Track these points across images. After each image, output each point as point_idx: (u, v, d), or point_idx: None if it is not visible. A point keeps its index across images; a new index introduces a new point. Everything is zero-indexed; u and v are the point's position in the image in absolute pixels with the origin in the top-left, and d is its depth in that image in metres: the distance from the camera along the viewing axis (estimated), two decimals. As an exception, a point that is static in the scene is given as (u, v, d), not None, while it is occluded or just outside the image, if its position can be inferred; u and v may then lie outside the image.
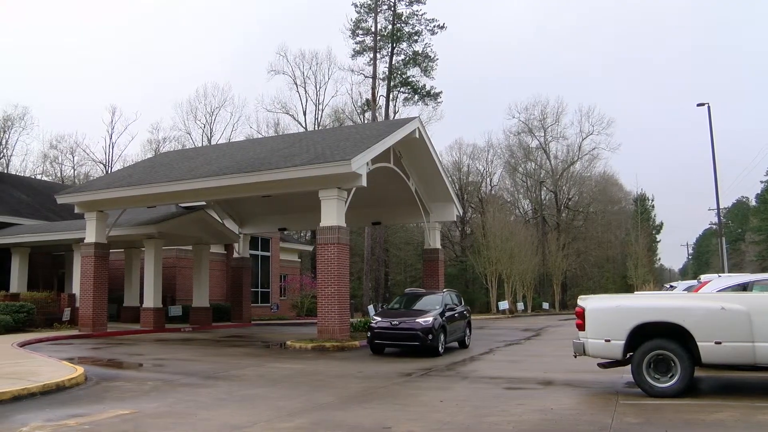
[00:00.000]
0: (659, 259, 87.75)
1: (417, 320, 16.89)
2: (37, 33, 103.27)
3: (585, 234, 68.95)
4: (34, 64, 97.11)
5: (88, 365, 14.30)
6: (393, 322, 17.07)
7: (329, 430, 7.86)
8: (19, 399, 9.93)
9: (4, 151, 64.58)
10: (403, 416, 8.66)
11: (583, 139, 70.17)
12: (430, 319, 16.79)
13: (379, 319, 17.67)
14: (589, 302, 10.56)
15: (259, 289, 39.62)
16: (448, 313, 17.78)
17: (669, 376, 9.69)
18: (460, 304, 20.03)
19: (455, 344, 19.09)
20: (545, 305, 56.13)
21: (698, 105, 35.87)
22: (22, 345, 19.04)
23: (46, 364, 13.76)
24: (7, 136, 64.39)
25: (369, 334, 17.54)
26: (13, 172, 60.23)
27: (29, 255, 31.66)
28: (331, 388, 11.23)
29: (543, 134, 70.82)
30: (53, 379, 11.10)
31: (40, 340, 21.34)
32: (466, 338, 19.72)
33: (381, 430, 7.83)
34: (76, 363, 14.26)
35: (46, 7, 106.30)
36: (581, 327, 10.45)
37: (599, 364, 10.77)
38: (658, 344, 9.74)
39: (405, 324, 16.93)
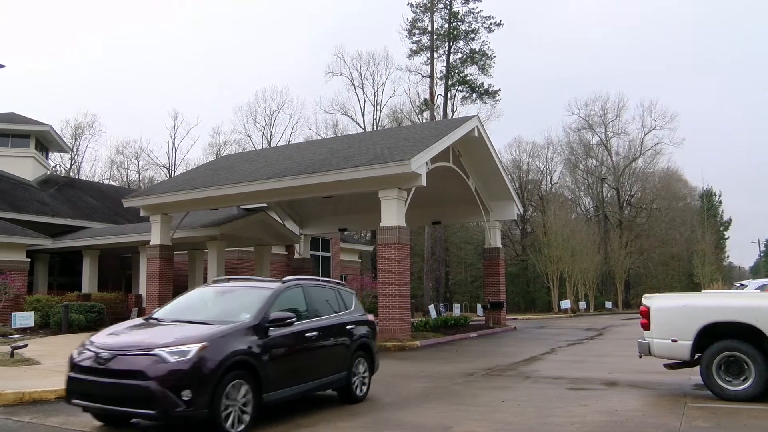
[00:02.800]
0: (728, 256, 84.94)
1: (156, 351, 7.28)
2: (100, 43, 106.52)
3: (648, 231, 67.24)
4: (97, 71, 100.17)
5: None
6: (103, 355, 7.46)
7: (391, 429, 7.89)
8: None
9: (75, 157, 66.95)
10: (465, 416, 8.63)
11: (645, 135, 68.48)
12: (194, 348, 7.23)
13: (87, 346, 7.91)
14: (654, 301, 10.31)
15: (320, 290, 39.86)
16: (281, 331, 8.33)
17: (742, 378, 9.32)
18: (347, 308, 10.35)
19: (331, 393, 9.93)
20: (608, 304, 55.05)
21: (768, 97, 34.58)
22: (93, 344, 19.60)
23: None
24: (78, 143, 66.79)
25: (66, 382, 7.78)
26: (83, 178, 62.39)
27: (99, 257, 32.67)
28: (392, 388, 11.26)
29: (604, 130, 69.44)
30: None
31: (110, 340, 21.92)
32: (355, 380, 9.87)
33: (443, 429, 7.82)
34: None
35: (103, 19, 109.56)
36: (646, 327, 10.21)
37: (666, 365, 10.49)
38: (729, 345, 9.41)
39: (125, 361, 7.34)
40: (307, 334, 8.89)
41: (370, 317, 11.03)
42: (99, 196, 41.55)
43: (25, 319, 22.45)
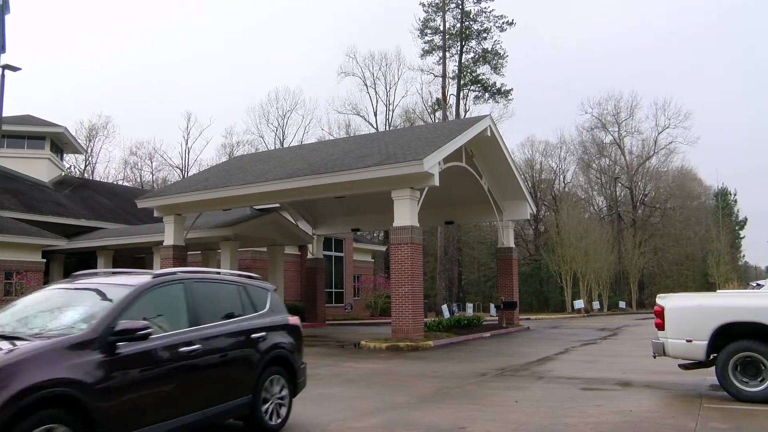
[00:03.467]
0: (743, 256, 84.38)
1: None
2: (112, 44, 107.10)
3: (662, 231, 66.91)
4: (110, 73, 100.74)
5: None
6: None
7: (404, 429, 7.88)
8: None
9: (90, 158, 67.45)
10: (478, 416, 8.61)
11: (659, 133, 68.20)
12: None
13: None
14: (668, 301, 10.22)
15: (333, 290, 40.03)
16: (136, 347, 5.88)
17: (759, 380, 9.17)
18: (256, 310, 7.99)
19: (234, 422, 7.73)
20: (622, 304, 54.80)
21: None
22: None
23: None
24: (92, 145, 67.28)
25: None
26: (98, 179, 62.82)
27: (113, 257, 32.86)
28: (405, 388, 11.25)
29: (617, 129, 69.22)
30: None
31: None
32: (267, 405, 7.63)
33: (456, 430, 7.80)
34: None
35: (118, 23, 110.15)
36: (660, 326, 10.12)
37: (681, 365, 10.40)
38: (745, 346, 9.29)
39: None
40: (183, 349, 6.41)
41: (293, 320, 8.48)
42: (113, 197, 41.82)
43: (40, 319, 22.66)
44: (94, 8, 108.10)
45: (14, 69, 20.06)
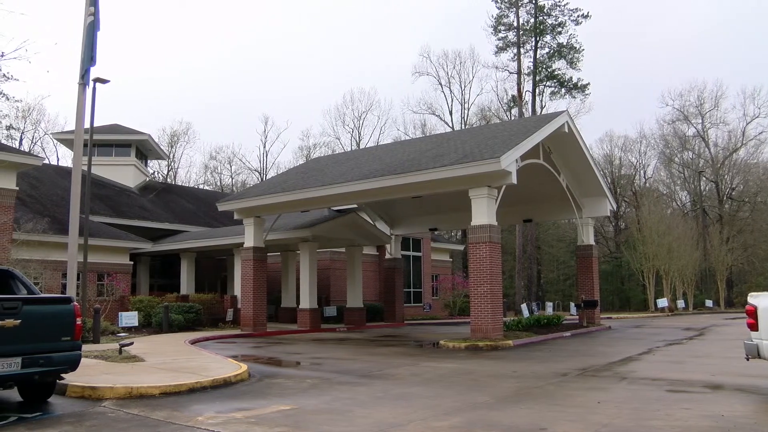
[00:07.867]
0: None
1: None
2: (191, 52, 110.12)
3: (752, 226, 63.96)
4: (191, 78, 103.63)
5: (251, 362, 15.08)
6: None
7: (484, 429, 7.82)
8: (194, 391, 10.76)
9: (172, 164, 69.68)
10: (559, 417, 8.47)
11: (747, 124, 65.31)
12: None
13: None
14: (762, 300, 9.76)
15: (412, 289, 40.12)
16: None
17: None
18: None
19: None
20: (708, 303, 52.84)
21: None
22: (193, 342, 20.48)
23: (214, 361, 14.66)
24: (173, 150, 69.51)
25: None
26: (180, 183, 64.84)
27: (195, 259, 33.87)
28: (485, 388, 11.17)
29: (700, 121, 66.67)
30: (221, 375, 11.85)
31: (207, 339, 22.79)
32: None
33: (537, 430, 7.70)
34: (239, 360, 15.07)
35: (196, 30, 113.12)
36: (753, 327, 9.68)
37: (776, 368, 9.95)
38: None
39: None
40: None
41: None
42: (194, 200, 43.13)
43: (130, 318, 23.61)
44: (172, 18, 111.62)
45: (104, 81, 20.95)
